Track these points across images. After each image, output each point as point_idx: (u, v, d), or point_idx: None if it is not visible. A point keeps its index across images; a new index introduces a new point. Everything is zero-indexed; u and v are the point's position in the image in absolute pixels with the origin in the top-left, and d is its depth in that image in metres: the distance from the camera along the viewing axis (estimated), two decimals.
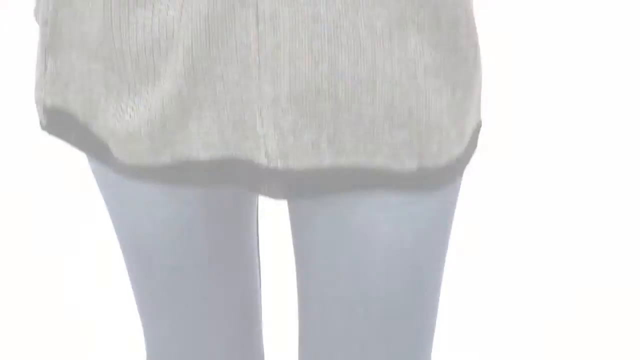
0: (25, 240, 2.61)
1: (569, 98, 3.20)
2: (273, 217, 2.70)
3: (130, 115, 1.02)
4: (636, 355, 2.32)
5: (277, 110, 0.99)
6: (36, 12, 1.15)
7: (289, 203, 1.17)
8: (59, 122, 1.12)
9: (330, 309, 1.14)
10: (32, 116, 3.01)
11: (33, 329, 2.44)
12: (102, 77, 1.02)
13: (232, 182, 1.06)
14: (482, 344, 2.37)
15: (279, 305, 2.41)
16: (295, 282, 1.20)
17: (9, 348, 2.38)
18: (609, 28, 3.43)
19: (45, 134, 2.87)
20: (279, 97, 0.98)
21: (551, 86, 3.22)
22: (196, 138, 1.02)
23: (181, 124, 1.01)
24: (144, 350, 2.33)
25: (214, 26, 0.96)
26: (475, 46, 1.02)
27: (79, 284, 2.56)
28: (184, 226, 1.16)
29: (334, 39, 0.96)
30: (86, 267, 2.61)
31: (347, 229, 1.09)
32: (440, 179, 1.06)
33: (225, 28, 0.96)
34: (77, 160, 2.98)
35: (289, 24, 0.95)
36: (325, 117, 0.99)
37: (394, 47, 0.98)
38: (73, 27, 1.06)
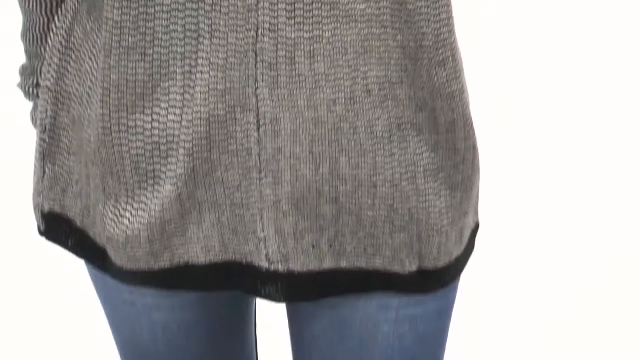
0: (26, 239, 2.58)
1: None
2: (270, 312, 2.68)
3: (129, 220, 1.02)
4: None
5: (278, 213, 0.99)
6: (33, 116, 1.15)
7: (287, 303, 1.16)
8: (57, 227, 1.11)
9: None
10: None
11: (33, 329, 2.42)
12: (101, 182, 1.02)
13: (232, 285, 1.05)
14: (483, 345, 2.35)
15: None
16: None
17: (9, 348, 2.35)
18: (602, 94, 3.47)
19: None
20: (279, 200, 0.98)
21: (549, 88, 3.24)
22: (196, 242, 1.02)
23: (181, 228, 1.01)
24: None
25: (215, 130, 0.97)
26: (473, 148, 1.04)
27: (78, 285, 2.53)
28: (184, 329, 1.15)
29: (334, 142, 0.97)
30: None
31: (348, 329, 1.08)
32: (440, 281, 1.07)
33: (226, 132, 0.97)
34: None
35: (290, 128, 0.96)
36: (326, 220, 1.00)
37: (394, 150, 0.99)
38: (72, 133, 1.06)
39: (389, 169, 0.99)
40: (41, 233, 1.15)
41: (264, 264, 1.02)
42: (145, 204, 1.01)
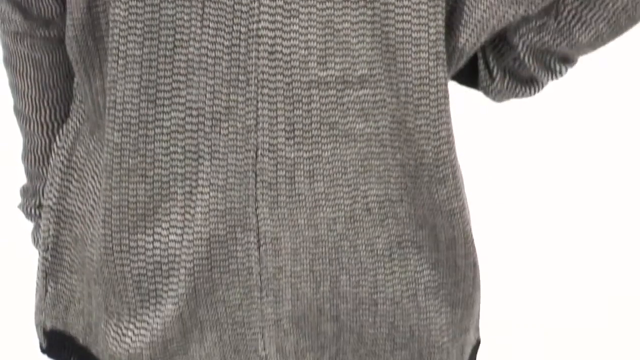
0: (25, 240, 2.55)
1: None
2: None
3: (131, 339, 1.02)
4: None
5: (279, 331, 0.99)
6: (34, 236, 1.16)
7: None
8: (59, 345, 1.11)
9: None
10: None
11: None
12: (103, 301, 1.03)
13: None
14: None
15: None
16: None
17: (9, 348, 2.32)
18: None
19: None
20: (280, 319, 0.98)
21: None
22: None
23: (183, 346, 1.01)
24: None
25: (216, 249, 0.97)
26: (474, 265, 1.04)
27: None
28: None
29: (335, 260, 0.97)
30: None
31: None
32: None
33: (226, 251, 0.97)
34: None
35: (291, 247, 0.96)
36: (327, 338, 0.99)
37: (394, 267, 0.99)
38: (74, 251, 1.07)
39: (389, 287, 0.99)
40: (43, 350, 1.14)
41: None
42: (147, 323, 1.01)
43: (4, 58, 1.10)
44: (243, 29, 0.92)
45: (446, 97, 0.96)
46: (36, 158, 1.12)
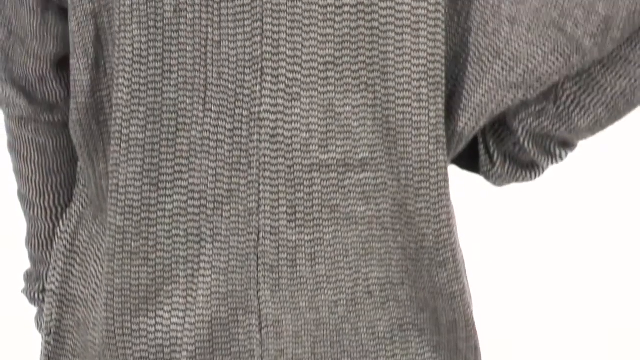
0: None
1: None
2: None
3: None
4: None
5: None
6: (38, 321, 1.16)
7: None
8: None
9: None
10: None
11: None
12: None
13: None
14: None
15: None
16: None
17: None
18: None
19: None
20: None
21: None
22: None
23: None
24: None
25: (218, 332, 0.97)
26: (475, 349, 1.03)
27: None
28: None
29: (336, 343, 0.97)
30: None
31: None
32: None
33: (228, 334, 0.97)
34: None
35: (292, 330, 0.96)
36: None
37: (396, 350, 0.98)
38: (76, 335, 1.06)
39: None
40: None
41: None
42: None
43: (8, 143, 1.11)
44: (245, 112, 0.93)
45: (446, 180, 0.97)
46: (40, 243, 1.12)
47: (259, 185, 0.94)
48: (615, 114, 0.99)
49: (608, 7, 0.91)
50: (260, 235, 0.95)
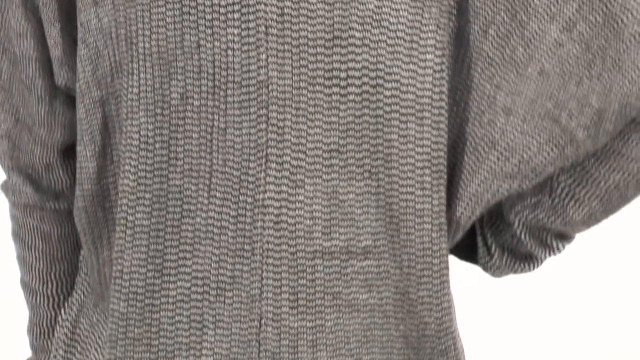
0: None
1: None
2: None
3: None
4: None
5: None
6: None
7: None
8: None
9: None
10: None
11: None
12: None
13: None
14: None
15: None
16: None
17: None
18: None
19: None
20: None
21: None
22: None
23: None
24: None
25: None
26: None
27: None
28: None
29: None
30: None
31: None
32: None
33: None
34: None
35: None
36: None
37: None
38: None
39: None
40: None
41: None
42: None
43: (12, 231, 1.12)
44: (249, 199, 0.94)
45: (447, 268, 0.97)
46: (41, 331, 1.12)
47: (262, 272, 0.95)
48: (609, 207, 1.01)
49: (601, 99, 0.93)
50: (262, 322, 0.95)
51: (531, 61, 0.94)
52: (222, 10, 0.91)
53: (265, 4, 0.91)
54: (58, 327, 1.09)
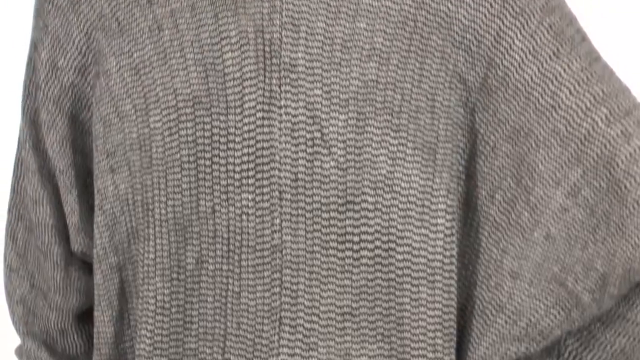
0: None
1: None
2: None
3: None
4: None
5: None
6: None
7: None
8: None
9: None
10: None
11: None
12: None
13: None
14: None
15: None
16: None
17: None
18: None
19: None
20: None
21: None
22: None
23: None
24: None
25: None
26: None
27: None
28: None
29: None
30: None
31: None
32: None
33: None
34: None
35: None
36: None
37: None
38: None
39: None
40: None
41: None
42: None
43: None
44: None
45: None
46: None
47: None
48: None
49: (605, 264, 0.93)
50: None
51: (537, 226, 0.95)
52: (237, 176, 0.94)
53: (279, 170, 0.93)
54: None
